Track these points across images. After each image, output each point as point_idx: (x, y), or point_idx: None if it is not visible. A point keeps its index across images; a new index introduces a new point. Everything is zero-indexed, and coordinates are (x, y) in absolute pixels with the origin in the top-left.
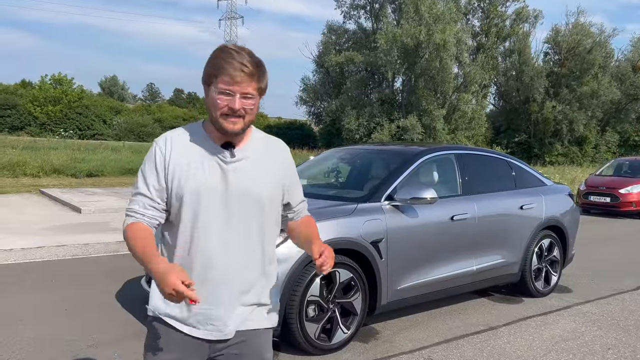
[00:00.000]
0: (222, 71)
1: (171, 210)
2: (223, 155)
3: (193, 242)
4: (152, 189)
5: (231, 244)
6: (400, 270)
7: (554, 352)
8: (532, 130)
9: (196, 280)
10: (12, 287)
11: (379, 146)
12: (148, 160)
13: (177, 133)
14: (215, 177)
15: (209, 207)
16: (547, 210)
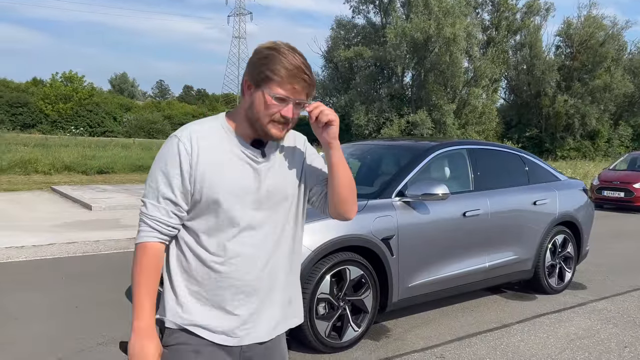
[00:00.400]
0: (282, 77)
1: (197, 215)
2: (255, 154)
3: (228, 249)
4: (177, 191)
5: (267, 248)
6: (411, 268)
7: (568, 350)
8: (543, 124)
9: (234, 287)
10: (23, 284)
11: (390, 141)
12: (170, 159)
13: (200, 128)
14: (248, 178)
15: (244, 211)
16: (561, 206)
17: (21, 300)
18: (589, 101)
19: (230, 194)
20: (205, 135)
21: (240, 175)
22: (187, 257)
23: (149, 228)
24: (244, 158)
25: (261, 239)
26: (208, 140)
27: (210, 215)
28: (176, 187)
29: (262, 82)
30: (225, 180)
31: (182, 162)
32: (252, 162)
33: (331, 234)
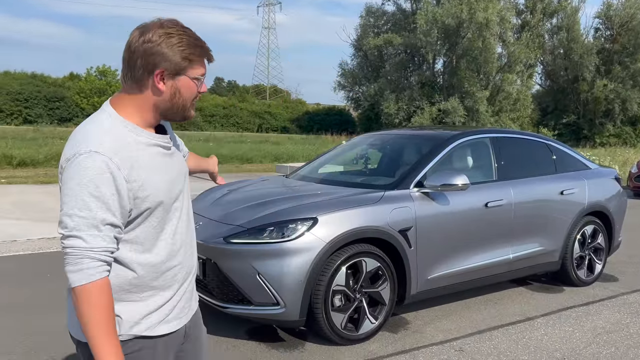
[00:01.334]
0: (199, 56)
1: (138, 225)
2: (166, 141)
3: (172, 242)
4: (117, 213)
5: (191, 227)
6: (430, 259)
7: (594, 344)
8: (581, 110)
9: (183, 273)
10: (53, 275)
11: (411, 131)
12: (99, 180)
13: (110, 136)
14: (171, 168)
15: (176, 201)
16: (590, 195)
17: (53, 289)
18: (630, 85)
19: (165, 190)
20: (120, 142)
21: (165, 168)
22: (136, 270)
23: (99, 262)
24: (160, 150)
25: (187, 220)
26: (125, 146)
27: (152, 218)
28: (115, 209)
29: (183, 67)
30: (158, 179)
31: (116, 178)
32: (166, 150)
33: (346, 226)
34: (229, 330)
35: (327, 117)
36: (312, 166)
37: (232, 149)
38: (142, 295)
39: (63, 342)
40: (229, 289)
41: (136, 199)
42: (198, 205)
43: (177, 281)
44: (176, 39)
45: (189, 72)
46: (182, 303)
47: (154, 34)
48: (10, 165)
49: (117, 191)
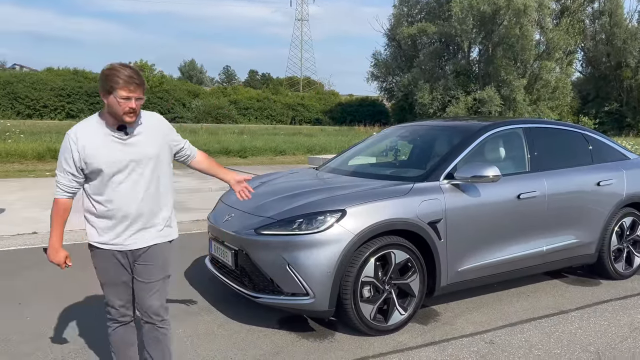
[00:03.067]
0: (121, 84)
1: (90, 179)
2: (120, 135)
3: (113, 196)
4: (72, 167)
5: (138, 190)
6: (461, 252)
7: (631, 339)
8: (624, 98)
9: (118, 216)
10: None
11: (442, 122)
12: (65, 149)
13: (82, 126)
14: (117, 151)
15: (118, 171)
16: (629, 186)
17: (94, 276)
18: None
19: (106, 163)
20: (85, 130)
21: (110, 149)
22: (92, 203)
23: (58, 189)
24: (113, 140)
25: (135, 185)
26: (88, 132)
27: (97, 178)
28: (71, 165)
29: (111, 91)
30: (103, 155)
31: (73, 151)
32: (119, 140)
33: (374, 218)
34: (261, 319)
35: (360, 108)
36: (342, 158)
37: (265, 141)
38: (102, 219)
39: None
40: (260, 279)
41: (85, 162)
42: (230, 197)
43: (117, 218)
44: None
45: (115, 94)
46: (121, 233)
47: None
48: (55, 159)
49: (72, 155)
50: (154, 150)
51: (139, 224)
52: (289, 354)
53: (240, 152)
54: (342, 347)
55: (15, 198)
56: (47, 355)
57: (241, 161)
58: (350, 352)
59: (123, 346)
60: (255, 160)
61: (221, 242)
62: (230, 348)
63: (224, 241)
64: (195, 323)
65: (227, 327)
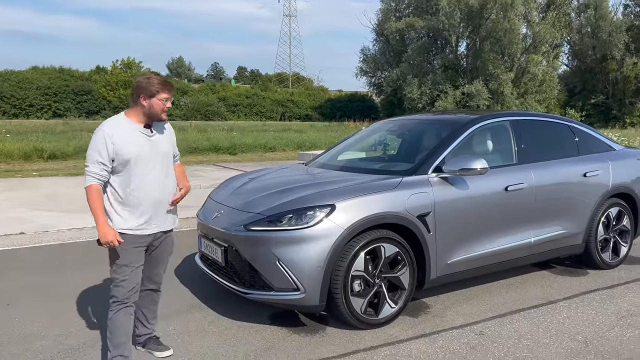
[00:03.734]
0: (162, 88)
1: (118, 170)
2: (147, 132)
3: (142, 185)
4: (104, 158)
5: (159, 181)
6: (450, 244)
7: (617, 327)
8: (610, 90)
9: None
10: (82, 265)
11: (430, 116)
12: (100, 143)
13: (113, 123)
14: (145, 145)
15: (145, 162)
16: (614, 177)
17: (81, 276)
18: None
19: (137, 155)
20: (117, 127)
21: (141, 145)
22: (120, 193)
23: (91, 177)
24: (142, 136)
25: (156, 175)
26: (120, 131)
27: (125, 168)
28: (105, 157)
29: (154, 94)
30: (132, 149)
31: (107, 143)
32: (147, 136)
33: (364, 212)
34: (252, 315)
35: (349, 103)
36: (331, 153)
37: (255, 138)
38: (129, 208)
39: (92, 327)
40: (250, 276)
41: (117, 154)
42: (219, 194)
43: (143, 205)
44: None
45: (158, 96)
46: (149, 218)
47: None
48: (42, 158)
49: (107, 149)
50: (167, 148)
51: (160, 211)
52: (280, 349)
53: (229, 149)
54: (333, 341)
55: (2, 198)
56: (36, 355)
57: (231, 158)
58: (342, 346)
59: (121, 330)
60: (245, 157)
61: (211, 239)
62: (221, 345)
63: (214, 238)
64: (186, 320)
65: (218, 323)
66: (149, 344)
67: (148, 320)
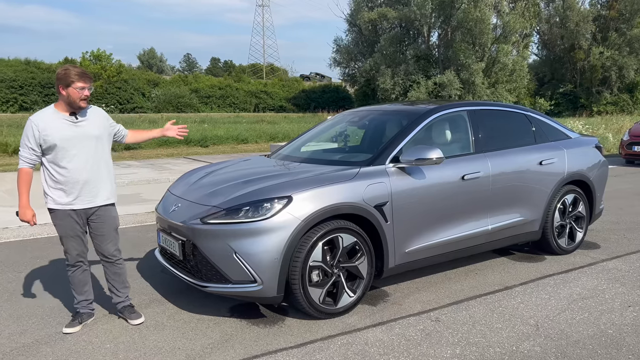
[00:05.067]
0: (78, 78)
1: (47, 152)
2: (72, 119)
3: (66, 166)
4: (33, 144)
5: (87, 161)
6: (407, 233)
7: (568, 311)
8: (578, 79)
9: (72, 182)
10: (42, 260)
11: (390, 106)
12: (29, 131)
13: (42, 114)
14: (69, 131)
15: (70, 146)
16: (570, 165)
17: (38, 275)
18: (626, 52)
19: (61, 140)
20: (43, 116)
21: (66, 131)
22: (52, 173)
23: (22, 160)
24: (66, 123)
25: (84, 156)
26: (45, 119)
27: (53, 151)
28: (32, 142)
29: (70, 84)
30: (57, 134)
31: (34, 132)
32: (72, 123)
33: (321, 203)
34: (212, 308)
35: (323, 94)
36: (294, 145)
37: (227, 130)
38: (58, 186)
39: (56, 320)
40: (207, 269)
41: (43, 140)
42: (177, 187)
43: (72, 183)
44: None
45: (74, 86)
46: (76, 196)
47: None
48: (6, 153)
49: (33, 134)
50: (99, 132)
51: (89, 188)
52: (238, 340)
53: (201, 142)
54: (291, 331)
55: None
56: None
57: (202, 150)
58: (299, 336)
59: (80, 283)
60: (217, 149)
61: (169, 233)
62: (178, 338)
63: (172, 232)
64: (145, 315)
65: (177, 317)
66: (125, 312)
67: (118, 289)
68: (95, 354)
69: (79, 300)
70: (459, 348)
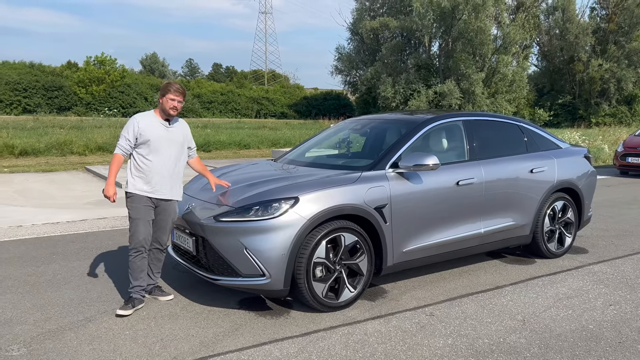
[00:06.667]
0: (170, 91)
1: (139, 146)
2: (166, 124)
3: (154, 160)
4: (131, 137)
5: (169, 160)
6: (405, 234)
7: (553, 308)
8: (577, 90)
9: (155, 175)
10: (57, 256)
11: (390, 115)
12: (130, 126)
13: (144, 116)
14: (164, 132)
15: (161, 145)
16: (559, 173)
17: (55, 269)
18: (625, 65)
19: (155, 138)
20: (144, 116)
21: (159, 131)
22: (140, 163)
23: (119, 149)
24: (161, 126)
25: (168, 155)
26: (145, 119)
27: (145, 146)
28: (131, 135)
29: (164, 94)
30: (152, 133)
31: (134, 127)
32: (165, 127)
33: (325, 204)
34: (222, 301)
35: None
36: (299, 150)
37: (229, 135)
38: (142, 175)
39: (77, 309)
40: (219, 263)
41: (140, 134)
42: (191, 188)
43: (154, 175)
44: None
45: (167, 96)
46: (154, 186)
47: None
48: (12, 155)
49: (133, 129)
50: (181, 138)
51: (164, 183)
52: (247, 329)
53: (204, 146)
54: (296, 322)
55: None
56: (16, 338)
57: (205, 155)
58: (303, 326)
59: (139, 269)
60: (220, 154)
61: (183, 230)
62: (192, 327)
63: (186, 229)
64: (160, 306)
65: (189, 309)
66: (154, 292)
67: (153, 273)
68: (116, 339)
69: (133, 285)
70: (450, 339)
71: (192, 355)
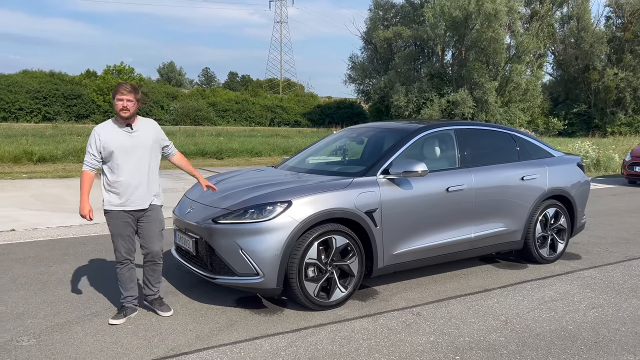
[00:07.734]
0: (116, 92)
1: (106, 160)
2: (127, 129)
3: (120, 171)
4: (95, 151)
5: (139, 167)
6: (395, 237)
7: (537, 310)
8: (592, 99)
9: (124, 186)
10: (69, 257)
11: (385, 124)
12: (92, 140)
13: (103, 125)
14: (126, 140)
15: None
16: (551, 181)
17: (67, 269)
18: None
19: (118, 148)
20: (104, 129)
21: (121, 138)
22: (108, 177)
23: (86, 165)
24: (122, 133)
25: (136, 162)
26: (105, 130)
27: (111, 158)
28: (94, 149)
29: (113, 97)
30: (112, 143)
31: (96, 140)
32: (127, 133)
33: (317, 207)
34: (220, 299)
35: (338, 110)
36: (299, 157)
37: (242, 143)
38: (113, 189)
39: (84, 305)
40: (216, 263)
41: (103, 148)
42: (192, 192)
43: (125, 187)
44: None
45: (115, 98)
46: (127, 198)
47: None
48: (31, 161)
49: (96, 144)
50: (149, 142)
51: (139, 192)
52: (242, 325)
53: (216, 154)
54: (288, 319)
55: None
56: (27, 330)
57: (217, 162)
58: (295, 323)
59: (128, 280)
60: (232, 162)
61: (184, 232)
62: (190, 322)
63: (186, 231)
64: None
65: (189, 306)
66: (154, 304)
67: (152, 284)
68: (119, 333)
69: (125, 296)
70: (433, 337)
71: (188, 347)
